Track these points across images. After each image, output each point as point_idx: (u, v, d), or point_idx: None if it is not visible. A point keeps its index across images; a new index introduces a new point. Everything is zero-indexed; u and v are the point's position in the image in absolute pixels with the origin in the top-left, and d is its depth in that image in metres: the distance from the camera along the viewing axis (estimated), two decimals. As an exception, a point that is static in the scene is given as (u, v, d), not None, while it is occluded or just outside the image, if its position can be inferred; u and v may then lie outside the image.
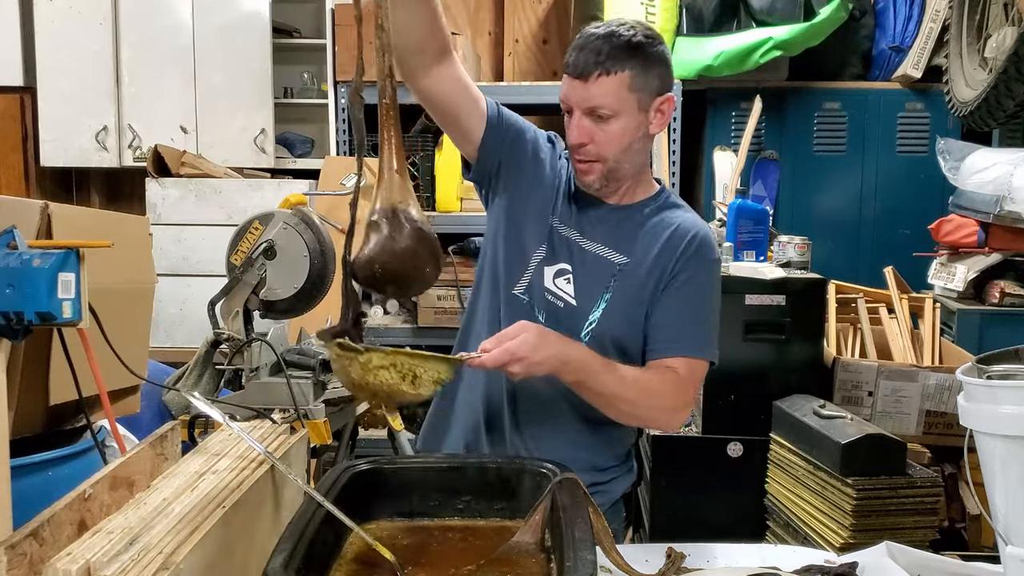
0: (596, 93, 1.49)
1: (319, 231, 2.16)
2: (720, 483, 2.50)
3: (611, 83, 1.48)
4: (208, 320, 2.15)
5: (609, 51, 1.47)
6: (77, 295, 1.52)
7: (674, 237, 1.57)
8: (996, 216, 2.74)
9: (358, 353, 1.28)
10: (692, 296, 1.56)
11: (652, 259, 1.56)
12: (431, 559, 1.19)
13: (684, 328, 1.56)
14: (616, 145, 1.52)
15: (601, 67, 1.48)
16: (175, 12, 3.91)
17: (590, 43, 1.49)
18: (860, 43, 3.79)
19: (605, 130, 1.51)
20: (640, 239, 1.58)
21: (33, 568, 0.99)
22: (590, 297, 1.56)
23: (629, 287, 1.56)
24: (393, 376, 1.30)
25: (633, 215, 1.60)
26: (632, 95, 1.49)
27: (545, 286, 1.58)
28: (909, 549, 1.44)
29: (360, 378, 1.29)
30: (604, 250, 1.58)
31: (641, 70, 1.49)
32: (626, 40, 1.48)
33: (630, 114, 1.51)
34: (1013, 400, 1.19)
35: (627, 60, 1.48)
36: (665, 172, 3.68)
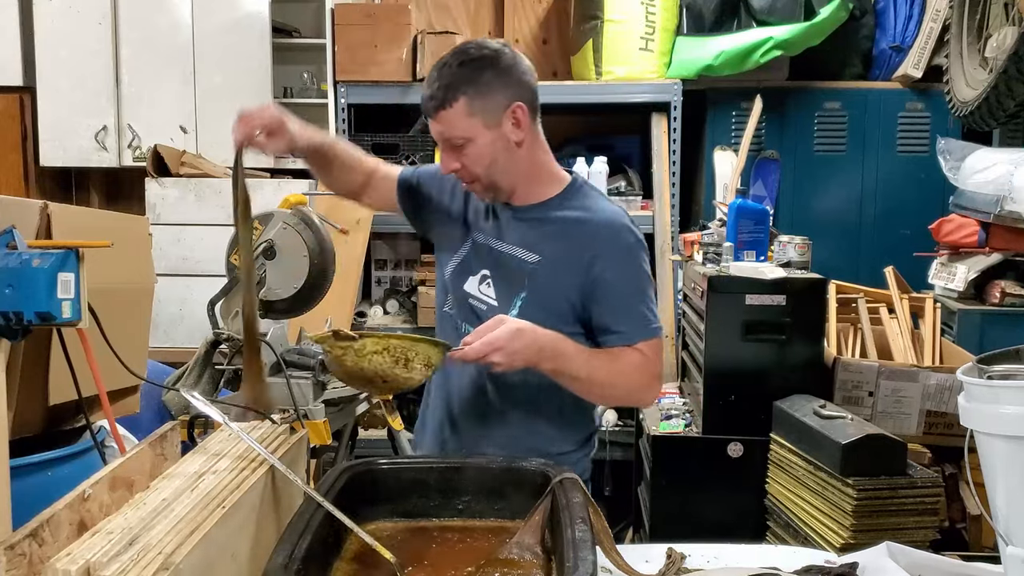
0: (442, 127, 1.57)
1: (319, 231, 2.16)
2: (720, 483, 2.50)
3: (451, 115, 1.55)
4: (208, 320, 2.15)
5: (440, 86, 1.55)
6: (76, 295, 1.52)
7: (586, 232, 1.63)
8: (997, 216, 2.73)
9: (353, 340, 1.33)
10: (624, 286, 1.62)
11: (564, 256, 1.62)
12: (431, 559, 1.19)
13: (630, 320, 1.62)
14: (481, 164, 1.59)
15: (437, 102, 1.55)
16: (175, 12, 3.90)
17: (428, 82, 1.58)
18: (860, 43, 3.79)
19: (466, 154, 1.58)
20: (550, 237, 1.64)
21: (33, 568, 0.98)
22: (508, 297, 1.64)
23: (543, 285, 1.62)
24: (387, 360, 1.36)
25: (542, 214, 1.67)
26: (474, 119, 1.56)
27: (470, 294, 1.69)
28: (909, 549, 1.43)
29: (355, 365, 1.35)
30: (518, 251, 1.66)
31: (475, 93, 1.55)
32: (458, 67, 1.55)
33: (480, 134, 1.57)
34: (1014, 400, 1.19)
35: (459, 88, 1.54)
36: (665, 172, 3.68)
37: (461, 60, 1.55)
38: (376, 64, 3.72)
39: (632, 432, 3.39)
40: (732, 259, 2.58)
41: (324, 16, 3.85)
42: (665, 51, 3.69)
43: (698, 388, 2.63)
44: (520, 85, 1.59)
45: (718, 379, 2.50)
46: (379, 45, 3.71)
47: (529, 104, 1.60)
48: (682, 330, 3.18)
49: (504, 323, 1.46)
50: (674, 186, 3.69)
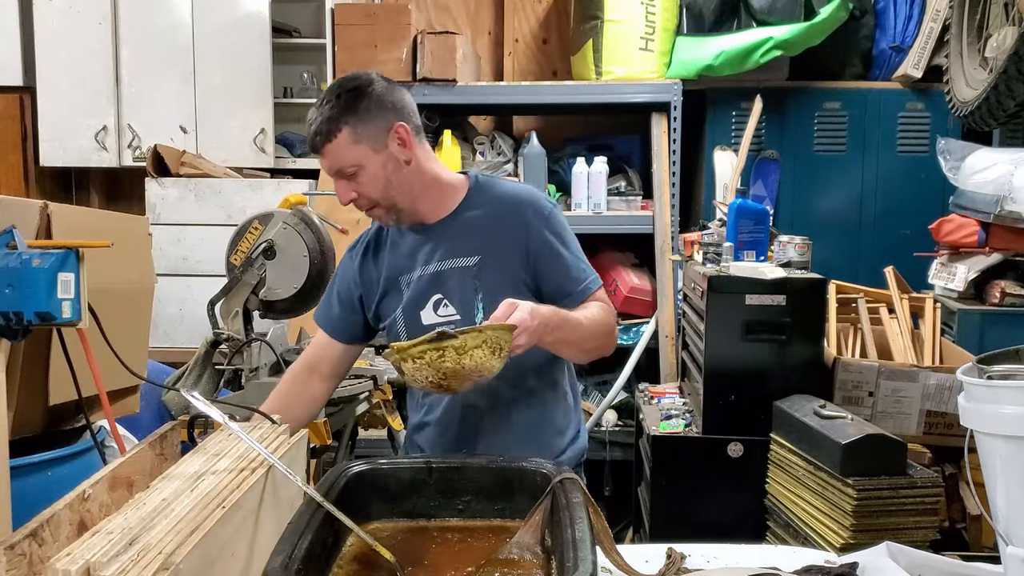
0: (331, 160, 1.63)
1: (319, 231, 2.17)
2: (720, 483, 2.50)
3: (336, 147, 1.61)
4: (208, 320, 2.15)
5: (320, 121, 1.60)
6: (76, 295, 1.52)
7: (507, 216, 1.71)
8: (997, 216, 2.73)
9: (453, 339, 1.34)
10: (558, 248, 1.71)
11: (499, 244, 1.69)
12: (431, 559, 1.19)
13: (580, 276, 1.72)
14: (376, 188, 1.65)
15: (323, 136, 1.61)
16: (175, 12, 3.90)
17: (309, 121, 1.63)
18: (860, 43, 3.79)
19: (359, 182, 1.64)
20: (478, 235, 1.71)
21: (33, 568, 0.98)
22: (468, 305, 1.70)
23: (494, 278, 1.68)
24: (485, 353, 1.36)
25: (459, 220, 1.73)
26: (360, 146, 1.61)
27: (427, 324, 1.71)
28: (909, 549, 1.43)
29: (455, 363, 1.34)
30: (455, 262, 1.71)
31: (357, 120, 1.60)
32: (335, 100, 1.60)
33: (369, 159, 1.62)
34: (1014, 400, 1.19)
35: (340, 120, 1.59)
36: (665, 172, 3.68)
37: (337, 94, 1.61)
38: (376, 64, 3.71)
39: (632, 432, 3.39)
40: (732, 259, 2.58)
41: (324, 16, 3.86)
42: (665, 51, 3.69)
43: (698, 388, 2.63)
44: (396, 108, 1.65)
45: (718, 379, 2.50)
46: (379, 45, 3.71)
47: (409, 123, 1.66)
48: (682, 330, 3.17)
49: (517, 306, 1.47)
50: (674, 186, 3.69)
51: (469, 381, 1.39)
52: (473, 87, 3.79)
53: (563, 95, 3.73)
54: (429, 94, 3.70)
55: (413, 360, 1.35)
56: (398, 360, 1.37)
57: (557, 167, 3.89)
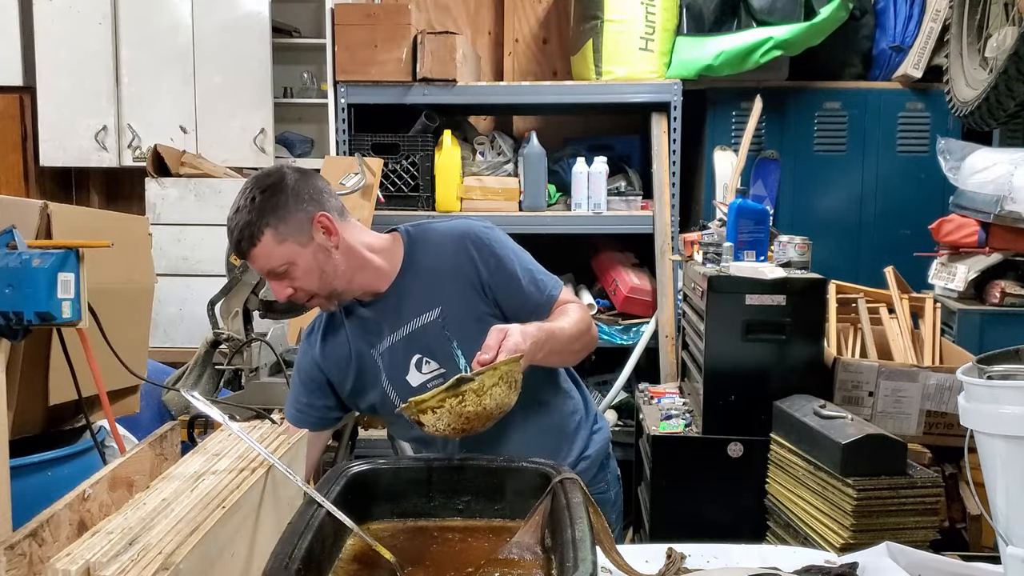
0: (261, 263, 1.62)
1: (319, 231, 2.16)
2: (720, 483, 2.50)
3: (263, 249, 1.59)
4: (208, 320, 2.15)
5: (240, 227, 1.59)
6: (76, 295, 1.52)
7: (451, 258, 1.70)
8: (997, 216, 2.73)
9: (471, 382, 1.31)
10: (511, 271, 1.70)
11: (452, 288, 1.69)
12: (431, 559, 1.19)
13: (543, 285, 1.72)
14: (311, 281, 1.64)
15: (247, 242, 1.59)
16: (175, 12, 3.90)
17: (230, 229, 1.61)
18: (860, 43, 3.79)
19: (293, 278, 1.63)
20: (430, 287, 1.70)
21: (33, 568, 0.98)
22: (447, 357, 1.69)
23: (461, 322, 1.68)
24: (502, 389, 1.35)
25: (407, 279, 1.72)
26: (286, 243, 1.60)
27: (416, 385, 1.70)
28: (909, 549, 1.43)
29: (477, 406, 1.33)
30: (419, 319, 1.70)
31: (277, 220, 1.59)
32: (247, 208, 1.58)
33: (299, 255, 1.61)
34: (1013, 400, 1.19)
35: (258, 223, 1.58)
36: (665, 172, 3.68)
37: (252, 196, 1.59)
38: (376, 64, 3.72)
39: (632, 432, 3.39)
40: (732, 259, 2.58)
41: (324, 16, 3.85)
42: (665, 51, 3.69)
43: (698, 388, 2.63)
44: (313, 198, 1.64)
45: (718, 379, 2.50)
46: (379, 45, 3.71)
47: (330, 210, 1.65)
48: (682, 330, 3.17)
49: (507, 331, 1.47)
50: (674, 186, 3.69)
51: (491, 420, 1.37)
52: (473, 87, 3.79)
53: (563, 95, 3.73)
54: (429, 94, 3.70)
55: (432, 411, 1.32)
56: (416, 414, 1.34)
57: (557, 167, 3.89)
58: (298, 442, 1.39)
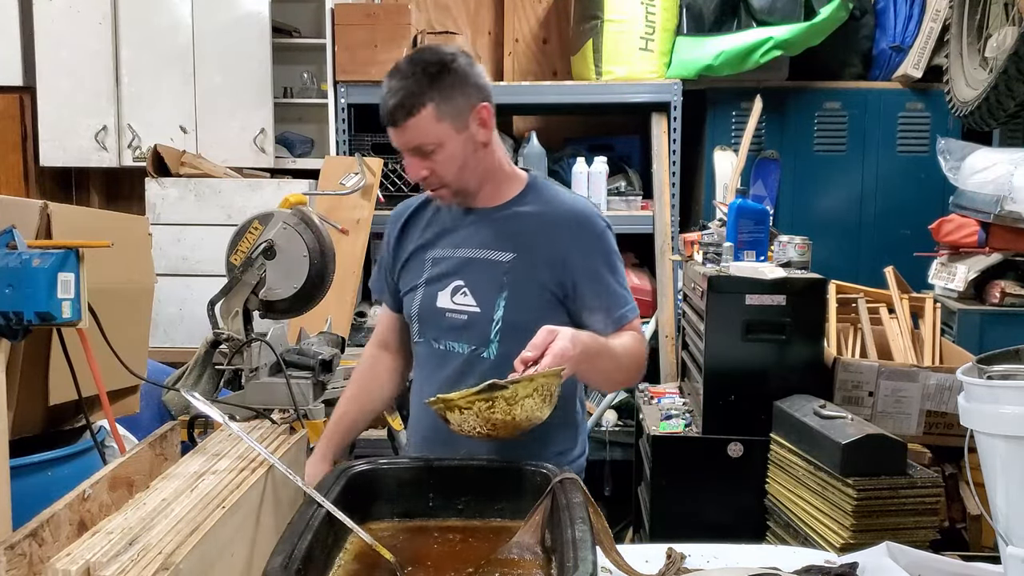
0: (410, 136, 1.56)
1: (319, 231, 2.16)
2: (720, 483, 2.50)
3: (419, 122, 1.54)
4: (208, 320, 2.14)
5: (406, 92, 1.53)
6: (76, 295, 1.52)
7: (556, 224, 1.65)
8: (996, 216, 2.73)
9: (503, 389, 1.27)
10: (604, 271, 1.65)
11: (538, 250, 1.63)
12: (431, 559, 1.19)
13: (619, 303, 1.66)
14: (450, 170, 1.59)
15: (403, 110, 1.53)
16: (175, 12, 3.90)
17: (390, 89, 1.55)
18: (860, 43, 3.79)
19: (435, 161, 1.58)
20: (520, 234, 1.65)
21: (33, 568, 0.98)
22: (489, 301, 1.64)
23: (524, 280, 1.63)
24: (536, 401, 1.30)
25: (510, 212, 1.68)
26: (443, 123, 1.55)
27: (443, 309, 1.68)
28: (909, 549, 1.43)
29: (505, 414, 1.27)
30: (491, 253, 1.66)
31: (441, 98, 1.54)
32: (421, 73, 1.54)
33: (450, 138, 1.57)
34: (1013, 400, 1.19)
35: (424, 94, 1.53)
36: (665, 172, 3.68)
37: (422, 67, 1.54)
38: (376, 64, 3.72)
39: (632, 432, 3.39)
40: (732, 259, 2.58)
41: (324, 16, 3.85)
42: (665, 51, 3.69)
43: (698, 388, 2.63)
44: (479, 87, 1.60)
45: (718, 379, 2.50)
46: (379, 45, 3.71)
47: (490, 103, 1.62)
48: (682, 330, 3.17)
49: (557, 333, 1.39)
50: (674, 186, 3.69)
51: (519, 431, 1.31)
52: (473, 87, 3.78)
53: (563, 95, 3.74)
54: (429, 94, 3.69)
55: (460, 411, 1.28)
56: (442, 410, 1.30)
57: (557, 167, 3.89)
58: (298, 442, 1.39)
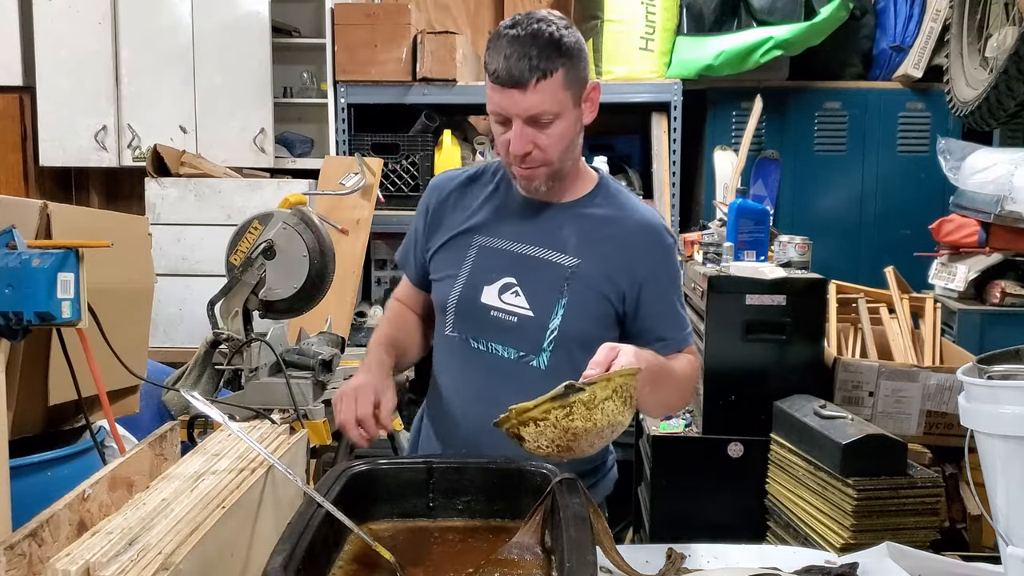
0: (536, 100, 1.42)
1: (319, 231, 2.16)
2: (720, 483, 2.50)
3: (549, 86, 1.41)
4: (207, 320, 2.15)
5: (539, 52, 1.40)
6: (76, 295, 1.52)
7: (627, 233, 1.56)
8: (997, 216, 2.73)
9: (581, 392, 1.14)
10: (670, 289, 1.58)
11: (611, 258, 1.54)
12: (431, 560, 1.19)
13: (679, 325, 1.58)
14: (560, 147, 1.48)
15: (537, 71, 1.40)
16: (174, 12, 3.90)
17: (517, 48, 1.40)
18: (861, 43, 3.79)
19: (548, 134, 1.46)
20: (590, 237, 1.55)
21: (32, 568, 0.98)
22: (546, 305, 1.52)
23: (586, 288, 1.53)
24: (616, 404, 1.17)
25: (578, 212, 1.57)
26: (567, 93, 1.44)
27: (489, 306, 1.55)
28: (910, 549, 1.43)
29: (586, 421, 1.15)
30: (552, 254, 1.55)
31: (571, 65, 1.43)
32: (551, 36, 1.41)
33: (568, 112, 1.46)
34: (1014, 400, 1.19)
35: (558, 58, 1.41)
36: (665, 172, 3.68)
37: (553, 30, 1.42)
38: (376, 64, 3.72)
39: (632, 432, 3.39)
40: (732, 259, 2.58)
41: (324, 16, 3.85)
42: (665, 51, 3.69)
43: (698, 388, 2.63)
44: (589, 66, 1.50)
45: (718, 379, 2.50)
46: (379, 45, 3.71)
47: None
48: (682, 330, 3.17)
49: (619, 349, 1.27)
50: (674, 186, 3.69)
51: (601, 440, 1.19)
52: (473, 87, 3.79)
53: (563, 95, 3.73)
54: (429, 94, 3.70)
55: (535, 423, 1.15)
56: (515, 426, 1.17)
57: (557, 167, 3.88)
58: (298, 442, 1.39)
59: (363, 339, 3.63)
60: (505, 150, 1.49)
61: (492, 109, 1.47)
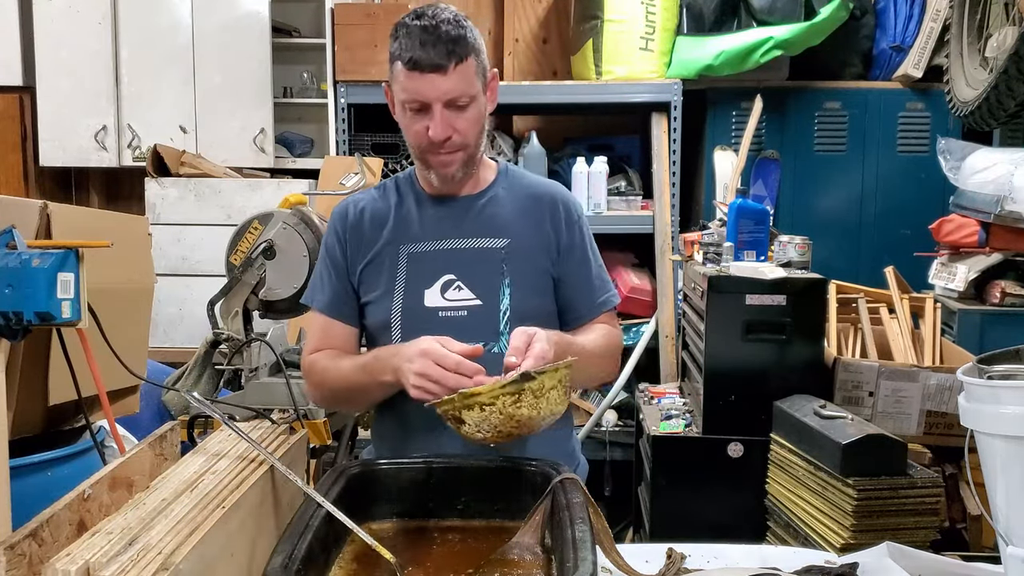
0: (455, 82, 1.47)
1: (319, 231, 2.16)
2: (720, 483, 2.50)
3: (466, 69, 1.48)
4: (207, 320, 2.15)
5: (453, 39, 1.46)
6: (76, 295, 1.52)
7: (542, 206, 1.63)
8: (997, 216, 2.73)
9: (532, 380, 1.15)
10: (585, 256, 1.64)
11: (532, 232, 1.60)
12: (431, 559, 1.19)
13: (595, 288, 1.64)
14: (476, 130, 1.54)
15: (455, 56, 1.46)
16: (174, 12, 3.90)
17: (433, 34, 1.45)
18: (861, 43, 3.79)
19: (465, 118, 1.51)
20: (509, 217, 1.61)
21: (32, 568, 0.98)
22: (491, 291, 1.55)
23: (523, 264, 1.58)
24: (558, 394, 1.20)
25: (491, 198, 1.63)
26: (478, 78, 1.51)
27: (436, 308, 1.55)
28: (910, 549, 1.43)
29: (531, 409, 1.17)
30: (482, 241, 1.59)
31: (478, 51, 1.51)
32: (459, 24, 1.48)
33: (480, 96, 1.53)
34: (1014, 400, 1.19)
35: (468, 45, 1.48)
36: (665, 172, 3.68)
37: (461, 19, 1.49)
38: (376, 64, 3.72)
39: (632, 432, 3.39)
40: (732, 259, 2.58)
41: (324, 16, 3.85)
42: (665, 51, 3.69)
43: (698, 388, 2.63)
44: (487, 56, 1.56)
45: (718, 379, 2.50)
46: (379, 45, 3.71)
47: None
48: (682, 330, 3.17)
49: (534, 334, 1.32)
50: (674, 186, 3.69)
51: (537, 429, 1.21)
52: (473, 87, 3.78)
53: (563, 95, 3.73)
54: (429, 94, 3.69)
55: (481, 408, 1.16)
56: (458, 408, 1.17)
57: (557, 167, 3.89)
58: (298, 442, 1.39)
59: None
60: (420, 138, 1.52)
61: (407, 97, 1.50)
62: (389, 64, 1.52)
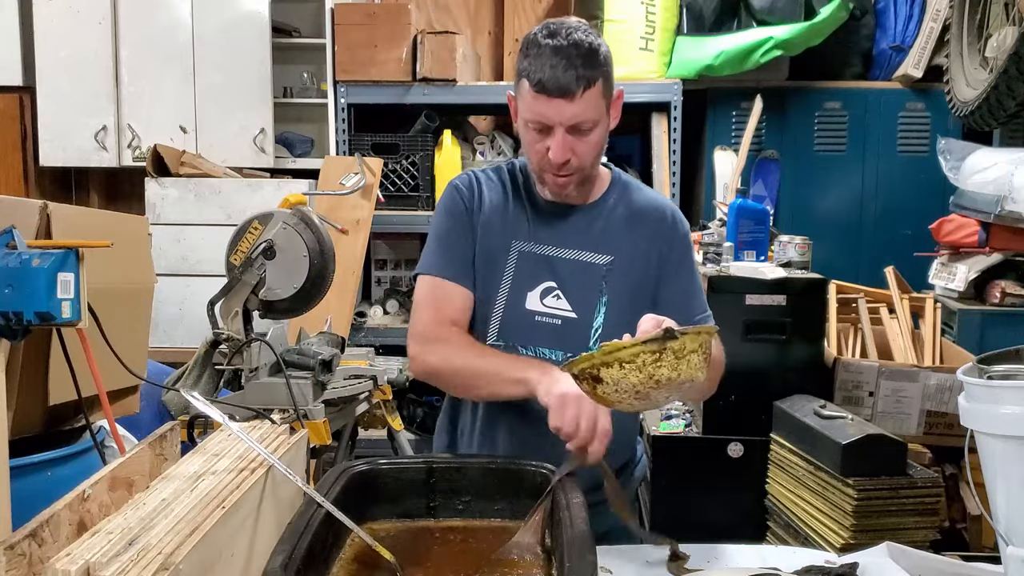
0: (581, 109, 1.44)
1: (319, 231, 2.16)
2: (720, 483, 2.50)
3: (592, 95, 1.44)
4: (207, 320, 2.15)
5: (584, 62, 1.42)
6: (76, 295, 1.52)
7: (651, 221, 1.61)
8: (997, 216, 2.73)
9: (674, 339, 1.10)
10: (689, 272, 1.62)
11: (638, 249, 1.58)
12: (431, 559, 1.19)
13: (698, 304, 1.61)
14: (595, 154, 1.53)
15: (583, 81, 1.42)
16: (174, 11, 3.90)
17: (563, 57, 1.42)
18: (861, 43, 3.79)
19: (587, 142, 1.49)
20: (617, 233, 1.59)
21: (32, 568, 0.98)
22: (587, 305, 1.56)
23: (623, 283, 1.57)
24: (699, 359, 1.14)
25: (602, 211, 1.62)
26: (604, 101, 1.48)
27: (533, 311, 1.56)
28: (910, 550, 1.43)
29: (671, 370, 1.11)
30: (586, 255, 1.59)
31: (607, 73, 1.47)
32: (591, 46, 1.44)
33: (604, 119, 1.50)
34: (1014, 400, 1.19)
35: (597, 68, 1.44)
36: (665, 172, 3.68)
37: (592, 39, 1.44)
38: (376, 64, 3.72)
39: (632, 432, 3.39)
40: (732, 259, 2.58)
41: (324, 16, 3.85)
42: (665, 51, 3.69)
43: (699, 387, 2.63)
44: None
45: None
46: (379, 45, 3.71)
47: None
48: (682, 330, 3.17)
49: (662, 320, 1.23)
50: (674, 186, 3.69)
51: (673, 395, 1.16)
52: (473, 87, 3.79)
53: (563, 95, 3.73)
54: (429, 94, 3.70)
55: (621, 365, 1.10)
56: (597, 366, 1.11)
57: (557, 167, 3.88)
58: (298, 442, 1.39)
59: (363, 339, 3.63)
60: (540, 157, 1.50)
61: (531, 118, 1.48)
62: (515, 77, 1.51)
